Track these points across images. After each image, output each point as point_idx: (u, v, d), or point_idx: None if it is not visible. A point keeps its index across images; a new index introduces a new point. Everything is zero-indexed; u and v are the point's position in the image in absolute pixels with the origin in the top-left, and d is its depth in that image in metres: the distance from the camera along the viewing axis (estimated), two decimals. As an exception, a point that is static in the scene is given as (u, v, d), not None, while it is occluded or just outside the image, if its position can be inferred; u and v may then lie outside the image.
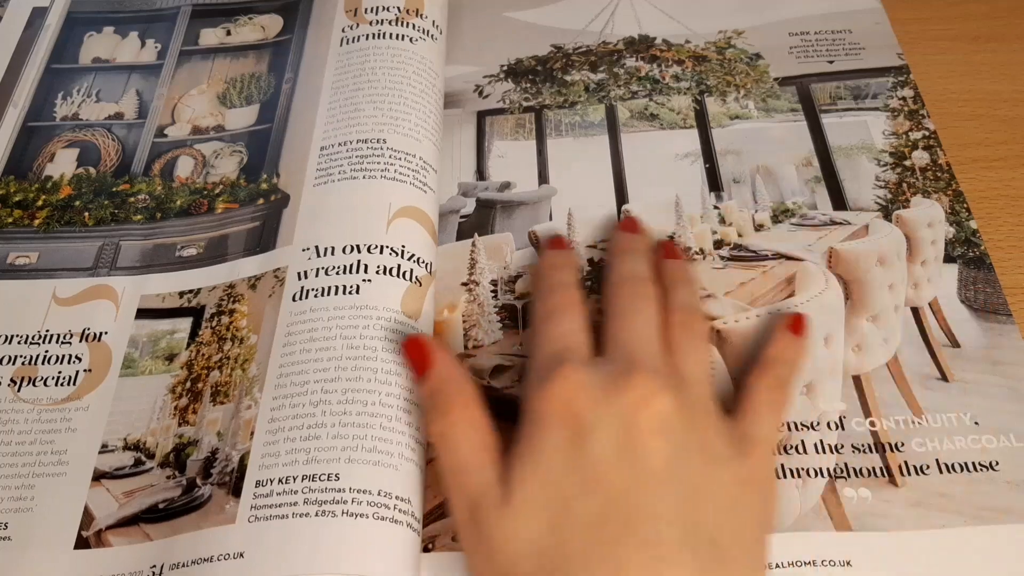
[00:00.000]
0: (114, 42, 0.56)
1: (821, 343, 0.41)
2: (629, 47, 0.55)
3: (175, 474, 0.38)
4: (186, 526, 0.36)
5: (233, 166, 0.50)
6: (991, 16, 0.56)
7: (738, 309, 0.42)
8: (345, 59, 0.51)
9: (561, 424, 0.32)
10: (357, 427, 0.36)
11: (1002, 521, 0.36)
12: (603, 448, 0.31)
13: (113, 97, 0.53)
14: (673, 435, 0.31)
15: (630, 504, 0.30)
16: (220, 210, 0.48)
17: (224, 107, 0.53)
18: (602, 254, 0.46)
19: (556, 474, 0.31)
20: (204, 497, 0.37)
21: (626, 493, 0.30)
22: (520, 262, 0.45)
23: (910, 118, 0.50)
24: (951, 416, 0.39)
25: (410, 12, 0.52)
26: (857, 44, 0.54)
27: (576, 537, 0.29)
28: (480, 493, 0.31)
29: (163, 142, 0.51)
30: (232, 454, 0.38)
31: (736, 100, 0.52)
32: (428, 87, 0.50)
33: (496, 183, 0.49)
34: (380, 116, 0.47)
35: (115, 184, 0.49)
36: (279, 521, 0.34)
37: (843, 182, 0.48)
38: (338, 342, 0.39)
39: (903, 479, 0.37)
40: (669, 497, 0.30)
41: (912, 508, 0.36)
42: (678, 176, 0.49)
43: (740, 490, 0.32)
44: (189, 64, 0.55)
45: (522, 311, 0.43)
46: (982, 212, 0.46)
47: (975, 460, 0.37)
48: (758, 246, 0.45)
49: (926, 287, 0.43)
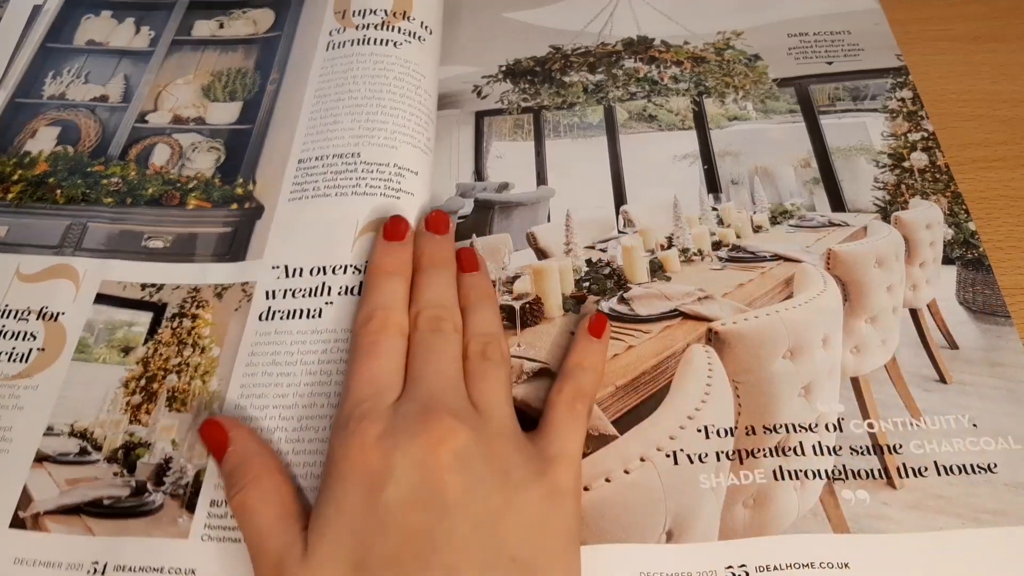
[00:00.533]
0: (110, 26, 0.56)
1: (819, 345, 0.41)
2: (628, 48, 0.55)
3: (123, 472, 0.38)
4: (133, 529, 0.36)
5: (210, 163, 0.50)
6: (991, 16, 0.56)
7: (736, 311, 0.42)
8: (330, 66, 0.51)
9: (359, 478, 0.32)
10: (308, 454, 0.37)
11: (1000, 523, 0.35)
12: (399, 492, 0.32)
13: (101, 80, 0.54)
14: (469, 468, 0.33)
15: (427, 539, 0.31)
16: (191, 206, 0.48)
17: (207, 100, 0.53)
18: (602, 254, 0.46)
19: (355, 523, 0.32)
20: (155, 504, 0.37)
21: (423, 530, 0.31)
22: (518, 263, 0.45)
23: (909, 119, 0.50)
24: (949, 418, 0.39)
25: (397, 15, 0.53)
26: (856, 45, 0.54)
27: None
28: (282, 554, 0.32)
29: (143, 128, 0.51)
30: (188, 467, 0.38)
31: (735, 101, 0.52)
32: (410, 90, 0.50)
33: (494, 184, 0.49)
34: (357, 128, 0.48)
35: (90, 164, 0.49)
36: (232, 544, 0.36)
37: (841, 183, 0.48)
38: (298, 367, 0.40)
39: (901, 481, 0.37)
40: (465, 526, 0.31)
41: (910, 510, 0.36)
42: (676, 177, 0.49)
43: (546, 505, 0.33)
44: (179, 54, 0.55)
45: (520, 312, 0.43)
46: (981, 212, 0.46)
47: (973, 462, 0.37)
48: (756, 247, 0.45)
49: (925, 289, 0.43)
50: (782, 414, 0.39)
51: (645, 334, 0.42)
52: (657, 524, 0.36)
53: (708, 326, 0.41)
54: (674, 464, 0.37)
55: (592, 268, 0.45)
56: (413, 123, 0.48)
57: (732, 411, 0.39)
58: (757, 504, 0.36)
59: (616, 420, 0.39)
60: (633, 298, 0.43)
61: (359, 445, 0.33)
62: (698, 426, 0.38)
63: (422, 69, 0.51)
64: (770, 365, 0.40)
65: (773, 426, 0.38)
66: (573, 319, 0.43)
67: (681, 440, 0.38)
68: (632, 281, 0.44)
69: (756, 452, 0.38)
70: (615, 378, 0.40)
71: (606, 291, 0.44)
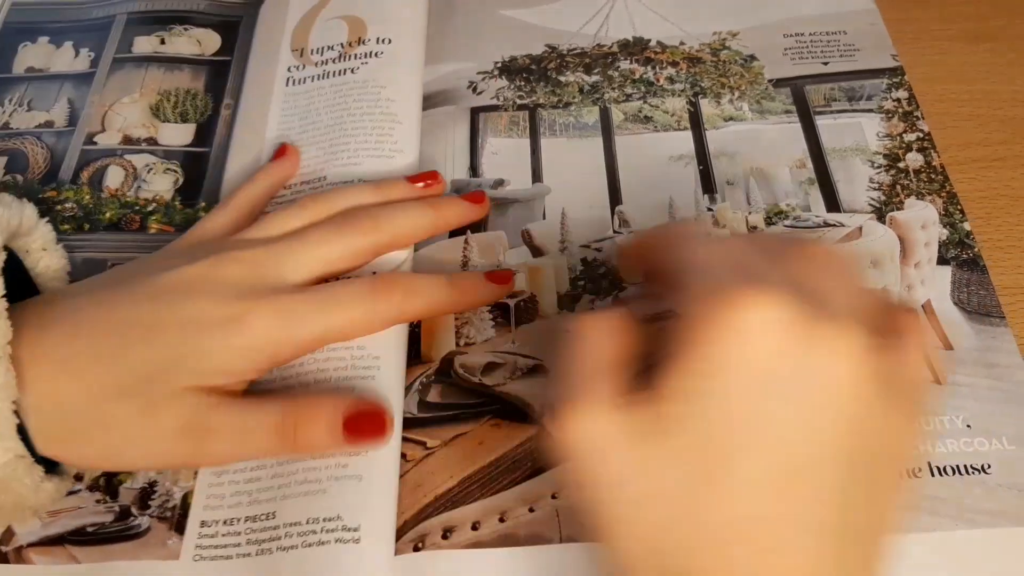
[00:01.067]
0: (49, 51, 0.56)
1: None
2: (624, 49, 0.55)
3: (106, 499, 0.38)
4: (120, 553, 0.36)
5: (168, 185, 0.49)
6: (991, 16, 0.56)
7: (731, 310, 0.42)
8: (292, 100, 0.52)
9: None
10: (290, 463, 0.37)
11: (994, 524, 0.35)
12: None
13: (45, 106, 0.53)
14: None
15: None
16: (153, 230, 0.47)
17: (157, 119, 0.52)
18: (596, 254, 0.45)
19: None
20: (141, 528, 0.37)
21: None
22: (512, 260, 0.45)
23: (904, 120, 0.50)
24: (943, 419, 0.39)
25: (352, 44, 0.53)
26: (852, 45, 0.54)
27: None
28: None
29: (92, 150, 0.51)
30: (174, 491, 0.38)
31: (730, 102, 0.52)
32: (370, 105, 0.50)
33: (489, 180, 0.49)
34: (322, 155, 0.48)
35: (42, 191, 0.49)
36: (223, 561, 0.35)
37: (837, 184, 0.48)
38: (277, 383, 0.39)
39: (895, 481, 0.37)
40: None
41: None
42: (672, 178, 0.48)
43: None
44: (122, 72, 0.55)
45: (515, 309, 0.43)
46: (981, 212, 0.46)
47: (967, 463, 0.37)
48: (751, 247, 0.45)
49: (920, 289, 0.43)
50: (776, 414, 0.38)
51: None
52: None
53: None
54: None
55: (587, 267, 0.45)
56: (375, 136, 0.49)
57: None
58: (751, 504, 0.36)
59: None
60: (627, 299, 0.43)
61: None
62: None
63: (382, 80, 0.51)
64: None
65: (767, 426, 0.38)
66: (567, 316, 0.43)
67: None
68: (627, 282, 0.44)
69: (750, 451, 0.37)
70: (609, 377, 0.40)
71: (600, 291, 0.44)
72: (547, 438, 0.28)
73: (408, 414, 0.40)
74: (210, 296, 0.36)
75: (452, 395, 0.40)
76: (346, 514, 0.36)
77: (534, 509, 0.36)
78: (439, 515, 0.36)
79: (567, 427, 0.27)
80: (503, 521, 0.36)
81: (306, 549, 0.35)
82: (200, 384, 0.35)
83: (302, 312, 0.37)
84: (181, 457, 0.36)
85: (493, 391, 0.40)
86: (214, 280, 0.37)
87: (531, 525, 0.36)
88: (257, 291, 0.36)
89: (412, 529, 0.36)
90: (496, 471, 0.38)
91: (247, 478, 0.37)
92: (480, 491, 0.37)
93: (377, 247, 0.42)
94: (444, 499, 0.37)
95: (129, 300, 0.36)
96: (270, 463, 0.38)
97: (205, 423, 0.34)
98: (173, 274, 0.37)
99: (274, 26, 0.56)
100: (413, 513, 0.36)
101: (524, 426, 0.39)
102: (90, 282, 0.39)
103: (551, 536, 0.35)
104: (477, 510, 0.36)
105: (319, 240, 0.39)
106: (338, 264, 0.40)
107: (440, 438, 0.39)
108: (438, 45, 0.55)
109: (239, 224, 0.42)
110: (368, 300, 0.38)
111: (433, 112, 0.52)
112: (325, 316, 0.37)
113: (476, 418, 0.39)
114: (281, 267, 0.38)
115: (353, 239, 0.40)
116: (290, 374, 0.39)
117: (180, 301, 0.36)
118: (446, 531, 0.36)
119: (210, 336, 0.35)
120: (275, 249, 0.39)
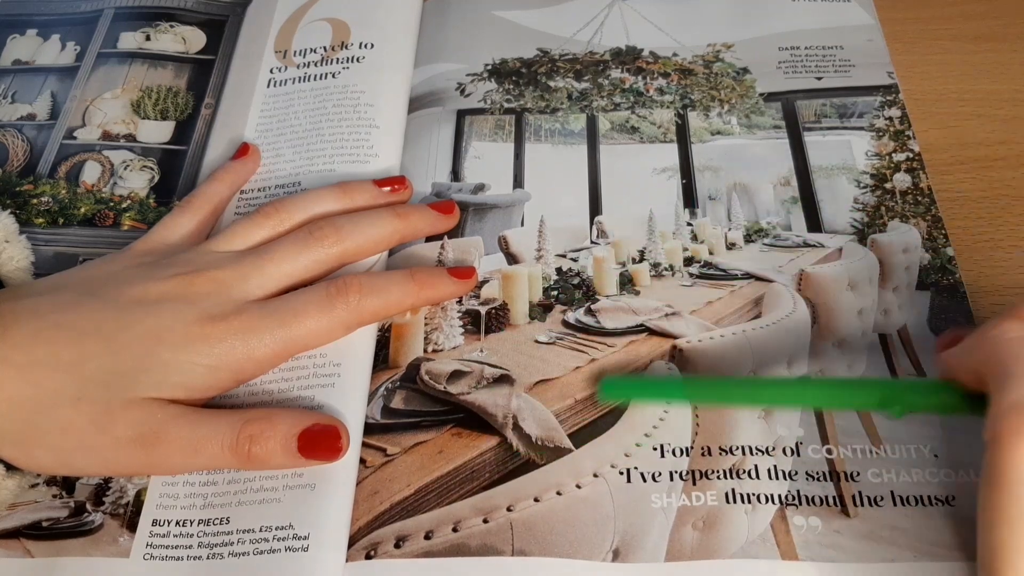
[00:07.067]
0: (36, 44, 0.56)
1: (784, 367, 0.40)
2: (616, 58, 0.54)
3: (62, 494, 0.38)
4: (72, 549, 0.36)
5: (143, 182, 0.49)
6: (991, 16, 0.56)
7: (702, 328, 0.41)
8: (272, 102, 0.52)
9: None
10: (248, 470, 0.37)
11: (955, 558, 0.35)
12: None
13: (28, 98, 0.53)
14: None
15: None
16: (127, 227, 0.47)
17: (137, 116, 0.52)
18: (572, 263, 0.45)
19: None
20: (94, 524, 0.37)
21: None
22: (488, 266, 0.45)
23: (895, 139, 0.49)
24: (911, 447, 0.38)
25: (335, 48, 0.53)
26: (847, 61, 0.53)
27: None
28: None
29: (72, 144, 0.51)
30: (128, 487, 0.38)
31: (719, 115, 0.51)
32: (349, 110, 0.50)
33: (470, 185, 0.49)
34: (298, 160, 0.48)
35: (19, 184, 0.49)
36: (173, 562, 0.36)
37: (820, 203, 0.47)
38: (242, 389, 0.39)
39: (856, 509, 0.36)
40: None
41: (862, 540, 0.35)
42: (654, 191, 0.48)
43: None
44: (106, 67, 0.55)
45: (485, 317, 0.43)
46: (981, 212, 0.46)
47: (932, 494, 0.37)
48: (728, 265, 0.45)
49: (896, 314, 0.43)
50: (740, 436, 0.38)
51: (610, 348, 0.41)
52: (605, 541, 0.35)
53: (673, 343, 0.41)
54: (627, 481, 0.37)
55: (561, 277, 0.45)
56: (352, 140, 0.49)
57: (690, 430, 0.38)
58: (707, 526, 0.36)
59: (572, 433, 0.38)
60: (600, 310, 0.43)
61: None
62: (654, 444, 0.38)
63: (362, 85, 0.52)
64: (732, 385, 0.39)
65: (730, 448, 0.38)
66: (538, 327, 0.43)
67: (636, 457, 0.37)
68: (600, 293, 0.44)
69: (710, 473, 0.37)
70: (575, 391, 0.39)
71: (574, 301, 0.44)
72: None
73: (371, 419, 0.39)
74: (176, 313, 0.36)
75: (416, 402, 0.40)
76: (297, 522, 0.36)
77: (488, 520, 0.36)
78: (393, 523, 0.36)
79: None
80: (456, 531, 0.36)
81: (257, 556, 0.35)
82: (159, 396, 0.35)
83: (262, 329, 0.37)
84: (133, 466, 0.36)
85: (457, 399, 0.40)
86: (181, 297, 0.37)
87: (484, 536, 0.36)
88: (223, 310, 0.37)
89: (365, 536, 0.36)
90: (453, 481, 0.37)
91: (203, 481, 0.38)
92: (437, 500, 0.37)
93: (343, 257, 0.42)
94: (400, 507, 0.37)
95: (93, 307, 0.36)
96: (227, 469, 0.38)
97: (158, 434, 0.35)
98: (140, 287, 0.37)
99: (260, 26, 0.56)
100: (368, 520, 0.36)
101: (485, 436, 0.38)
102: (55, 280, 0.39)
103: (503, 548, 0.35)
104: (432, 519, 0.36)
105: (283, 256, 0.40)
106: (303, 275, 0.41)
107: (401, 445, 0.38)
108: (430, 45, 0.55)
109: (202, 226, 0.43)
110: (325, 308, 0.38)
111: (419, 114, 0.51)
112: (285, 330, 0.38)
113: (438, 426, 0.39)
114: (247, 284, 0.39)
115: (318, 251, 0.41)
116: (254, 383, 0.40)
117: (145, 315, 0.36)
118: (399, 539, 0.36)
119: (173, 352, 0.35)
120: (241, 269, 0.39)
